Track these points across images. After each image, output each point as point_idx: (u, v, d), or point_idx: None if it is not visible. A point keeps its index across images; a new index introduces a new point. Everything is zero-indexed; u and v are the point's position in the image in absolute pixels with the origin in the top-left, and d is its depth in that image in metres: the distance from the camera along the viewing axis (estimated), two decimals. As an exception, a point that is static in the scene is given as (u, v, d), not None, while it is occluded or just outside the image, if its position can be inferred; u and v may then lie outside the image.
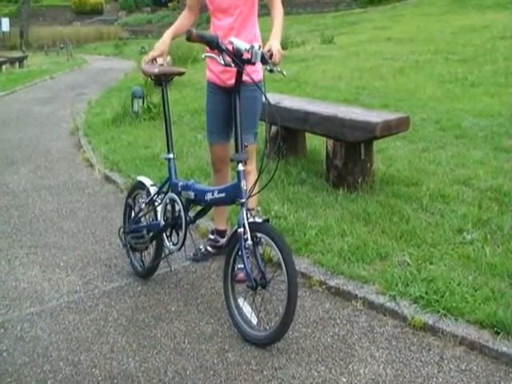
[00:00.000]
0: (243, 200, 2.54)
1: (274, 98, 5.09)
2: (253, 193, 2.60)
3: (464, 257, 3.15)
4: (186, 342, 2.63)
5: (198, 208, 3.02)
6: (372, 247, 3.30)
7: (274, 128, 4.92)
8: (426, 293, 2.78)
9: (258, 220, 2.50)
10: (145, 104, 7.75)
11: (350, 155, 4.23)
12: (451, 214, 3.71)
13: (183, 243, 2.97)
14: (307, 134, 5.11)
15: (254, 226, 2.50)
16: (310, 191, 4.28)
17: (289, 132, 4.91)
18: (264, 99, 2.65)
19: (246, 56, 2.54)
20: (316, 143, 5.34)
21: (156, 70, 2.96)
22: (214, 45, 2.50)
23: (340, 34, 17.83)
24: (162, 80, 2.98)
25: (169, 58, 11.21)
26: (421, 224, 3.59)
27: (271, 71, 2.57)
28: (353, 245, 3.34)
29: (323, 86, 9.40)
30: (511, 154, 5.04)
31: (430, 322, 2.60)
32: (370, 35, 16.71)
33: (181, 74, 3.05)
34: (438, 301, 2.71)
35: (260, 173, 2.54)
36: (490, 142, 5.44)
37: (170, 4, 31.15)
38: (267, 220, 2.52)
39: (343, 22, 22.10)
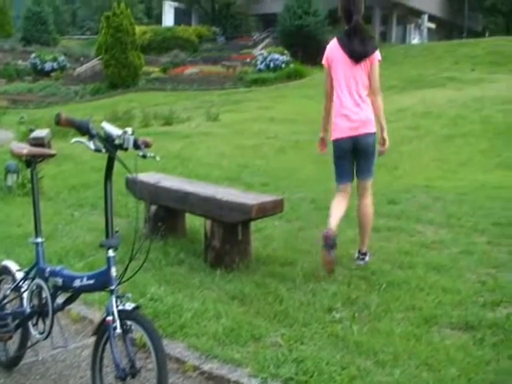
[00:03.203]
0: (113, 287, 2.51)
1: (153, 177, 5.14)
2: (123, 279, 2.57)
3: (333, 336, 3.26)
4: None
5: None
6: (246, 329, 3.33)
7: (153, 207, 4.93)
8: (296, 374, 2.84)
9: (128, 307, 2.46)
10: (19, 179, 7.46)
11: (228, 236, 4.31)
12: (323, 293, 3.86)
13: (50, 332, 2.85)
14: (188, 214, 5.16)
15: (123, 314, 2.45)
16: (187, 272, 4.28)
17: (168, 212, 4.93)
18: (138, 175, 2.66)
19: (118, 141, 2.55)
20: (196, 222, 5.38)
21: (25, 151, 2.89)
22: (84, 130, 2.48)
23: (225, 112, 18.35)
24: (31, 161, 2.92)
25: (48, 130, 10.98)
26: (294, 304, 3.69)
27: (144, 157, 2.60)
28: (228, 327, 3.36)
29: (206, 163, 9.59)
30: (382, 232, 5.35)
31: (300, 405, 2.64)
32: (255, 114, 17.37)
33: (51, 156, 3.01)
34: (306, 381, 2.77)
35: (132, 255, 2.51)
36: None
37: (52, 74, 30.69)
38: (137, 307, 2.49)
39: (228, 100, 22.82)
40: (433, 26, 42.54)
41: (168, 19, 42.43)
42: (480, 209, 6.32)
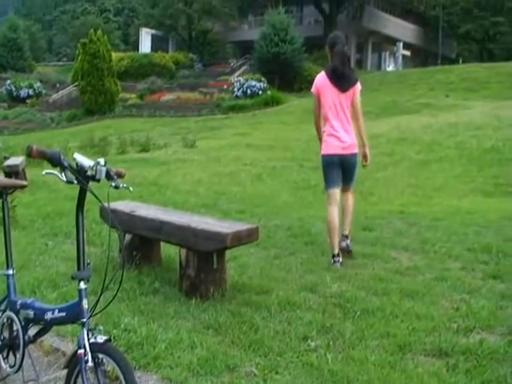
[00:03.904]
0: (84, 320, 2.48)
1: (128, 206, 5.11)
2: (95, 311, 2.55)
3: (308, 364, 3.25)
4: None
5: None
6: (221, 359, 3.31)
7: (128, 236, 4.91)
8: (271, 405, 2.82)
9: (100, 340, 2.44)
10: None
11: (203, 264, 4.30)
12: (298, 322, 3.85)
13: (21, 365, 2.80)
14: (163, 242, 5.13)
15: (95, 347, 2.43)
16: (162, 301, 4.24)
17: (143, 241, 4.91)
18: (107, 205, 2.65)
19: (90, 172, 2.54)
20: (172, 251, 5.36)
21: (-5, 182, 2.88)
22: (55, 161, 2.47)
23: (202, 139, 18.44)
24: (2, 192, 2.90)
25: (22, 157, 10.90)
26: (269, 332, 3.68)
27: (117, 187, 2.59)
28: (202, 357, 3.33)
29: (183, 190, 9.59)
30: (357, 259, 5.38)
31: None
32: (231, 141, 17.48)
33: (23, 187, 3.00)
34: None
35: (103, 286, 2.49)
36: (337, 247, 5.78)
37: (28, 100, 30.62)
38: (109, 339, 2.47)
39: (205, 126, 22.94)
40: (408, 53, 43.43)
41: (145, 46, 42.70)
42: (454, 234, 6.40)
